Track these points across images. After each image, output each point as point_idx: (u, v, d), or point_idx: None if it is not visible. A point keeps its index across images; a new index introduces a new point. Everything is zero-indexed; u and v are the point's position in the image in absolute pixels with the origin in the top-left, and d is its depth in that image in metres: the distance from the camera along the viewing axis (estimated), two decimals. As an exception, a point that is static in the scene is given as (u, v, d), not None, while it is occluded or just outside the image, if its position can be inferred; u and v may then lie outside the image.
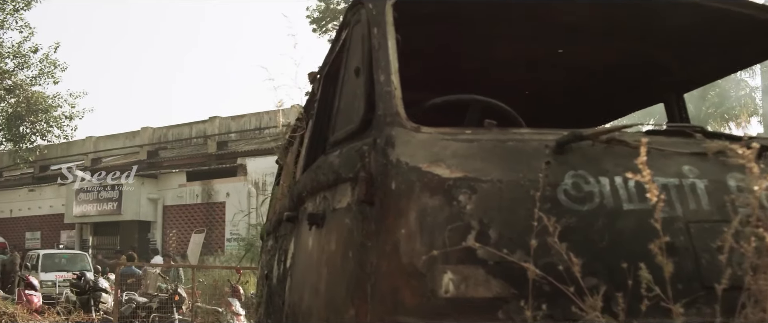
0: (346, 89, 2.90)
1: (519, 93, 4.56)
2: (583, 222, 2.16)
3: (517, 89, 4.52)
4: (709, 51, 3.67)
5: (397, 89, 2.43)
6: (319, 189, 2.87)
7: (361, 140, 2.48)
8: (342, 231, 2.51)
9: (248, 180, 25.39)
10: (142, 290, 15.89)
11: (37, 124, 30.06)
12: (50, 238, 30.85)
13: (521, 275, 2.06)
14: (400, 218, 2.19)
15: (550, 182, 2.19)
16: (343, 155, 2.60)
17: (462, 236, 2.11)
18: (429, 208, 2.16)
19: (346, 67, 2.92)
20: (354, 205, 2.42)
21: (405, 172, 2.23)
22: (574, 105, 4.71)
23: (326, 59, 3.62)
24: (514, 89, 4.47)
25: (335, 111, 2.97)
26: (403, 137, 2.30)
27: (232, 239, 25.33)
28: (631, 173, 2.16)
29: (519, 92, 4.55)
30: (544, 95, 4.62)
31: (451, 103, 2.85)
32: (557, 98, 4.66)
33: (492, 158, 2.25)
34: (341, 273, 2.46)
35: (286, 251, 3.71)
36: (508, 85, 4.40)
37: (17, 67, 29.91)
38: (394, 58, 2.51)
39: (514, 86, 4.47)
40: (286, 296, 3.49)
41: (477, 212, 2.15)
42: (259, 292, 5.33)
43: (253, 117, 30.22)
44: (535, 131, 2.39)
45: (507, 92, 4.52)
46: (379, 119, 2.40)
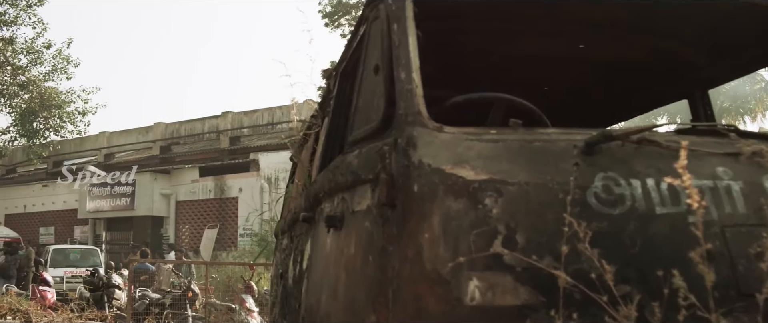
0: (364, 86, 2.82)
1: (537, 90, 4.47)
2: (615, 227, 2.07)
3: (535, 86, 4.43)
4: (736, 46, 3.57)
5: (418, 87, 2.35)
6: (336, 190, 2.79)
7: (381, 140, 2.39)
8: (362, 234, 2.43)
9: (261, 176, 25.37)
10: (155, 286, 15.88)
11: (50, 119, 30.15)
12: (64, 233, 30.94)
13: (550, 282, 1.97)
14: (423, 222, 2.10)
15: (579, 184, 2.10)
16: (362, 155, 2.52)
17: (488, 242, 2.03)
18: (453, 212, 2.08)
19: (365, 64, 2.84)
20: (374, 208, 2.33)
21: (428, 174, 2.14)
22: (594, 102, 4.62)
23: (343, 56, 3.54)
24: (532, 85, 4.38)
25: (353, 109, 2.89)
26: (426, 138, 2.21)
27: (245, 235, 25.31)
28: (666, 176, 2.07)
29: (537, 88, 4.46)
30: (563, 92, 4.53)
31: (473, 101, 2.76)
32: (576, 95, 4.57)
33: (518, 160, 2.16)
34: (361, 278, 2.38)
35: (302, 252, 3.63)
36: (526, 81, 4.31)
37: (30, 63, 30.01)
38: (415, 55, 2.43)
39: (532, 83, 4.38)
40: (302, 298, 3.42)
41: (503, 216, 2.06)
42: (274, 291, 5.26)
43: (265, 112, 30.19)
44: (562, 130, 2.30)
45: (524, 89, 4.44)
46: (399, 119, 2.31)
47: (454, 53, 3.83)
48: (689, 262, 1.96)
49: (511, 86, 4.33)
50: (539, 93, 4.46)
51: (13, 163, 36.39)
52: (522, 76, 4.23)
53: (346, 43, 3.50)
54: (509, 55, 3.95)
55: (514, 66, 4.12)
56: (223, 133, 30.47)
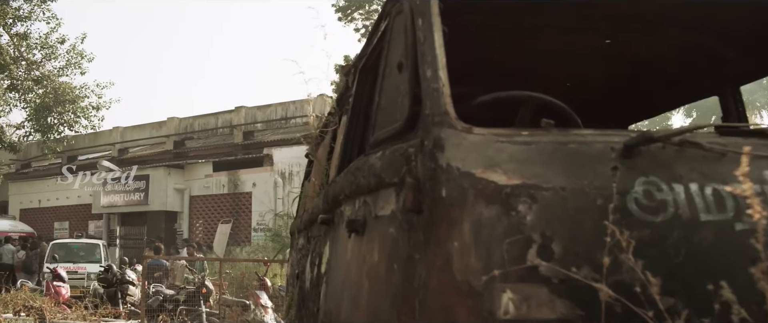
0: (387, 84, 2.69)
1: (560, 87, 4.34)
2: (657, 235, 1.94)
3: (559, 83, 4.31)
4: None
5: (445, 85, 2.23)
6: (358, 193, 2.67)
7: (406, 141, 2.28)
8: (386, 241, 2.31)
9: (274, 170, 25.30)
10: (169, 282, 15.83)
11: (64, 114, 30.17)
12: (78, 228, 30.97)
13: (589, 295, 1.84)
14: (452, 230, 1.98)
15: (618, 189, 1.97)
16: (385, 157, 2.40)
17: (522, 251, 1.91)
18: (485, 219, 1.96)
19: (387, 61, 2.72)
20: (399, 213, 2.22)
21: (457, 178, 2.02)
22: (619, 99, 4.49)
23: (362, 52, 3.42)
24: (555, 82, 4.25)
25: (375, 108, 2.77)
26: (454, 139, 2.09)
27: (259, 230, 25.26)
28: (710, 180, 1.95)
29: (560, 85, 4.33)
30: (588, 89, 4.40)
31: (501, 100, 2.63)
32: (601, 92, 4.44)
33: (553, 163, 2.04)
34: (385, 287, 2.26)
35: (320, 254, 3.52)
36: (550, 78, 4.18)
37: (45, 58, 30.05)
38: (441, 52, 2.31)
39: (556, 80, 4.26)
40: (320, 302, 3.31)
41: (538, 223, 1.93)
42: (290, 292, 5.16)
43: (278, 107, 30.10)
44: (598, 131, 2.17)
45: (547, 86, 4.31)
46: (426, 119, 2.19)
47: (476, 49, 3.71)
48: (738, 273, 1.83)
49: (533, 82, 4.21)
50: (562, 90, 4.34)
51: (28, 158, 36.46)
52: (545, 73, 4.11)
53: (367, 38, 3.38)
54: (533, 52, 3.83)
55: (537, 63, 4.00)
56: (236, 128, 30.40)
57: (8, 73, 28.54)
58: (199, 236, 26.63)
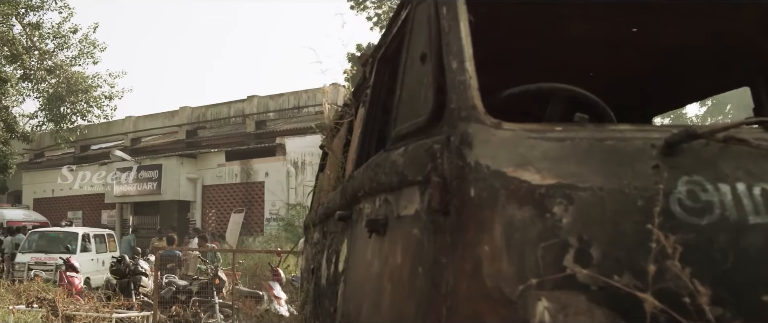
0: (409, 76, 2.56)
1: (583, 77, 4.20)
2: (703, 239, 1.80)
3: (582, 73, 4.17)
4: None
5: (472, 78, 2.09)
6: (379, 190, 2.54)
7: (431, 136, 2.14)
8: (409, 243, 2.18)
9: (287, 160, 25.21)
10: (181, 272, 15.78)
11: (77, 104, 30.26)
12: (92, 218, 31.01)
13: (631, 303, 1.71)
14: (482, 233, 1.85)
15: (660, 190, 1.84)
16: (408, 153, 2.27)
17: (558, 256, 1.78)
18: (517, 221, 1.83)
19: (409, 51, 2.58)
20: (424, 213, 2.09)
21: (486, 177, 1.89)
22: (644, 89, 4.34)
23: (381, 42, 3.29)
24: (578, 72, 4.11)
25: (397, 101, 2.63)
26: (482, 135, 1.96)
27: (272, 220, 25.21)
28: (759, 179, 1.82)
29: (583, 75, 4.19)
30: (612, 79, 4.25)
31: (530, 93, 2.49)
32: (627, 82, 4.29)
33: (589, 161, 1.90)
34: (409, 291, 2.14)
35: (337, 251, 3.40)
36: (573, 68, 4.04)
37: (57, 47, 30.14)
38: (467, 42, 2.17)
39: (579, 69, 4.12)
40: (338, 303, 3.19)
41: (575, 226, 1.80)
42: (305, 288, 5.04)
43: (291, 96, 30.00)
44: (637, 127, 2.03)
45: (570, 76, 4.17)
46: (452, 113, 2.06)
47: (497, 39, 3.57)
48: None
49: (556, 72, 4.07)
50: (586, 80, 4.21)
51: (41, 147, 36.55)
52: (569, 63, 3.97)
53: (385, 28, 3.25)
54: (557, 41, 3.69)
55: (561, 52, 3.86)
56: (248, 117, 30.33)
57: (21, 63, 28.59)
58: (212, 225, 26.58)
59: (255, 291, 13.21)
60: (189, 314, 12.30)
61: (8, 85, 26.73)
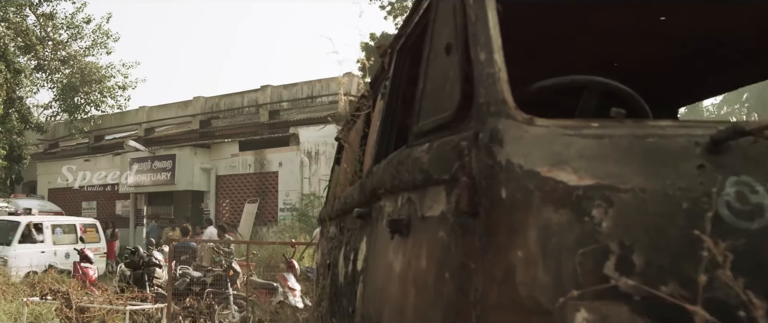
0: (432, 68, 2.43)
1: (606, 67, 4.07)
2: (754, 245, 1.66)
3: (604, 63, 4.03)
4: None
5: (502, 70, 1.96)
6: (401, 189, 2.42)
7: (457, 133, 2.02)
8: (435, 246, 2.06)
9: (301, 150, 25.11)
10: (196, 263, 15.73)
11: (91, 94, 30.34)
12: (106, 208, 31.07)
13: (677, 315, 1.59)
14: (514, 237, 1.73)
15: (706, 191, 1.71)
16: (433, 150, 2.14)
17: (598, 263, 1.65)
18: (553, 225, 1.70)
19: (432, 42, 2.45)
20: (450, 215, 1.96)
21: (519, 177, 1.76)
22: (669, 80, 4.20)
23: (401, 31, 3.16)
24: (601, 62, 3.98)
25: (419, 94, 2.50)
26: (514, 132, 1.83)
27: (285, 210, 25.14)
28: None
29: (606, 65, 4.06)
30: (636, 69, 4.11)
31: (562, 85, 2.36)
32: (652, 72, 4.15)
33: (630, 160, 1.76)
34: (435, 298, 2.02)
35: (355, 249, 3.28)
36: (596, 57, 3.91)
37: (71, 38, 30.20)
38: (496, 32, 2.04)
39: (602, 60, 3.99)
40: (357, 303, 3.07)
41: (616, 231, 1.67)
42: (321, 284, 4.93)
43: (305, 86, 29.88)
44: (679, 123, 1.90)
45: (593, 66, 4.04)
46: (480, 108, 1.93)
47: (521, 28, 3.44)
48: None
49: (579, 63, 3.94)
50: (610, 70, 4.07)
51: (56, 138, 36.63)
52: (592, 52, 3.84)
53: (406, 17, 3.12)
54: (581, 30, 3.56)
55: (584, 41, 3.73)
56: (262, 107, 30.23)
57: (34, 54, 28.64)
58: (226, 216, 26.55)
59: (269, 282, 13.13)
60: (203, 306, 12.24)
61: (22, 75, 26.76)
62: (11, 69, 25.57)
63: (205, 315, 12.31)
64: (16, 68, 26.19)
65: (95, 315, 9.65)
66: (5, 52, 25.87)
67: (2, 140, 24.43)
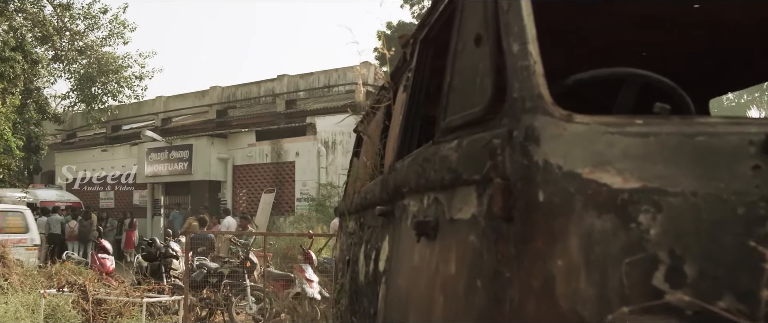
0: (460, 60, 2.29)
1: (634, 56, 3.92)
2: None
3: (633, 52, 3.88)
4: None
5: (537, 62, 1.83)
6: (427, 188, 2.28)
7: (489, 129, 1.88)
8: (465, 251, 1.93)
9: (318, 139, 25.00)
10: (213, 254, 15.68)
11: (108, 84, 30.40)
12: (123, 197, 31.12)
13: None
14: (554, 244, 1.60)
15: (763, 195, 1.56)
16: (463, 148, 2.01)
17: (646, 274, 1.51)
18: (597, 232, 1.56)
19: (460, 32, 2.31)
20: (482, 218, 1.83)
21: (558, 179, 1.63)
22: (701, 70, 4.04)
23: (424, 21, 3.02)
24: (631, 51, 3.83)
25: (447, 88, 2.36)
26: (551, 130, 1.69)
27: (302, 199, 25.05)
28: None
29: (634, 54, 3.91)
30: (667, 58, 3.96)
31: (600, 78, 2.22)
32: (683, 62, 3.99)
33: (679, 161, 1.62)
34: (465, 306, 1.89)
35: (377, 249, 3.15)
36: (626, 46, 3.76)
37: (87, 28, 30.28)
38: (530, 21, 1.91)
39: (632, 48, 3.84)
40: (379, 305, 2.95)
41: (665, 239, 1.53)
42: (340, 281, 4.82)
43: (321, 75, 29.75)
44: (730, 120, 1.75)
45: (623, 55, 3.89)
46: (514, 103, 1.80)
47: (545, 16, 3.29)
48: None
49: (607, 52, 3.79)
50: (639, 60, 3.93)
51: (73, 128, 36.73)
52: (621, 41, 3.69)
53: (430, 5, 2.97)
54: (609, 19, 3.41)
55: (612, 30, 3.58)
56: (279, 96, 30.12)
57: (52, 44, 28.71)
58: (243, 205, 26.51)
59: (287, 273, 13.05)
60: (220, 297, 12.18)
61: (39, 66, 26.82)
62: (28, 60, 25.61)
63: (222, 307, 12.25)
64: (33, 59, 26.23)
65: (112, 307, 9.59)
66: (23, 43, 25.92)
67: (20, 130, 24.46)
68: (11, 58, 24.18)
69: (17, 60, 24.42)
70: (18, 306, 10.50)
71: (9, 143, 15.78)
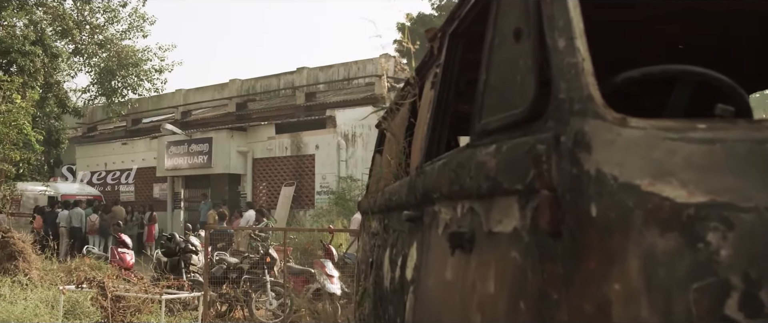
0: (498, 57, 2.11)
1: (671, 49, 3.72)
2: None
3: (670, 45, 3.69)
4: None
5: (586, 59, 1.65)
6: (461, 196, 2.11)
7: (532, 134, 1.71)
8: (506, 268, 1.75)
9: (337, 132, 24.84)
10: (233, 248, 15.57)
11: (128, 78, 30.40)
12: (143, 191, 31.14)
13: None
14: (609, 266, 1.42)
15: None
16: (502, 154, 1.83)
17: (717, 301, 1.34)
18: (659, 252, 1.39)
19: (497, 26, 2.13)
20: (526, 233, 1.66)
21: (613, 191, 1.45)
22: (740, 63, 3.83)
23: (454, 13, 2.84)
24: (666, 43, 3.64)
25: (482, 87, 2.17)
26: (604, 135, 1.52)
27: (322, 193, 24.93)
28: None
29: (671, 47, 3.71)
30: (705, 51, 3.76)
31: (652, 76, 2.03)
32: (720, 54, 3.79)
33: (749, 171, 1.43)
34: (507, 329, 1.72)
35: (404, 255, 2.98)
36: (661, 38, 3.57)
37: (107, 21, 30.24)
38: (576, 13, 1.73)
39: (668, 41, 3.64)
40: (406, 317, 2.78)
41: (738, 261, 1.35)
42: (362, 283, 4.65)
43: (341, 67, 29.58)
44: (803, 123, 1.57)
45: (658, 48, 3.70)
46: (561, 105, 1.62)
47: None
48: None
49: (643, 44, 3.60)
50: (674, 53, 3.73)
51: (94, 121, 36.81)
52: (656, 33, 3.50)
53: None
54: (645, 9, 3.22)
55: (649, 21, 3.39)
56: (298, 89, 29.99)
57: (71, 38, 28.74)
58: (263, 198, 26.43)
59: (307, 269, 12.92)
60: (239, 293, 12.07)
61: (59, 60, 26.83)
62: (48, 54, 25.62)
63: (242, 303, 12.13)
64: (53, 53, 26.24)
65: (131, 304, 9.49)
66: (43, 37, 25.93)
67: (40, 124, 24.48)
68: (31, 52, 24.20)
69: (37, 54, 24.43)
70: (37, 302, 10.44)
71: (29, 138, 15.72)
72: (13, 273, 12.15)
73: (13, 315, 9.88)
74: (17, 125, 14.64)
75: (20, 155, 14.92)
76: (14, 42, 24.42)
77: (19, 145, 15.20)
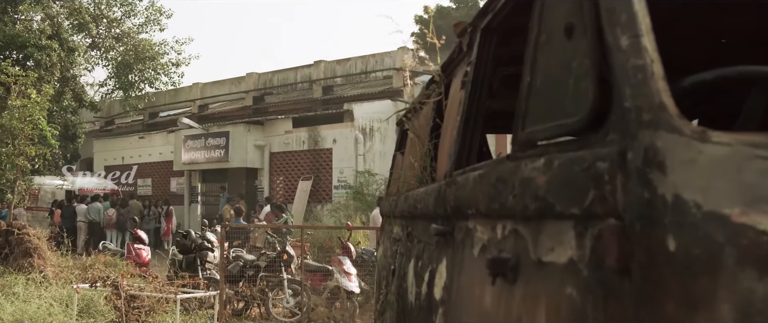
0: (544, 56, 1.84)
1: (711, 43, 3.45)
2: None
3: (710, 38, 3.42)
4: None
5: (655, 61, 1.39)
6: (502, 215, 1.85)
7: (589, 147, 1.45)
8: (560, 305, 1.50)
9: (355, 126, 24.60)
10: (250, 244, 15.38)
11: (145, 72, 30.36)
12: (161, 185, 31.07)
13: None
14: (694, 311, 1.17)
15: None
16: (553, 170, 1.57)
17: None
18: (758, 298, 1.13)
19: (543, 20, 1.87)
20: (585, 267, 1.41)
21: (697, 222, 1.19)
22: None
23: (488, 6, 2.58)
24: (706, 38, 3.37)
25: (525, 90, 1.91)
26: (682, 152, 1.26)
27: (340, 187, 24.72)
28: None
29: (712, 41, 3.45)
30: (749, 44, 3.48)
31: (727, 78, 1.76)
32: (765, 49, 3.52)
33: None
34: (561, 377, 1.47)
35: (432, 271, 2.74)
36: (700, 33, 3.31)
37: (124, 15, 30.21)
38: (642, 7, 1.47)
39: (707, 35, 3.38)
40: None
41: None
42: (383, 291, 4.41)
43: (358, 60, 29.35)
44: None
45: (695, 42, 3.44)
46: (626, 115, 1.37)
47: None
48: None
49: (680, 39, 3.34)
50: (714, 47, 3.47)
51: (111, 115, 36.80)
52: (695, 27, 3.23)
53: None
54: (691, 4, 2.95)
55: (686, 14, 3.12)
56: (315, 82, 29.78)
57: (88, 32, 28.69)
58: (280, 193, 26.26)
59: (324, 266, 12.70)
60: (256, 291, 11.87)
61: (75, 54, 26.74)
62: (65, 48, 25.54)
63: (259, 300, 11.94)
64: (70, 47, 26.17)
65: (145, 303, 9.30)
66: (59, 31, 25.86)
67: (56, 119, 24.40)
68: (48, 46, 24.12)
69: (54, 48, 24.35)
70: (51, 301, 10.29)
71: (44, 133, 15.61)
72: (27, 270, 12.01)
73: (27, 313, 9.74)
74: (32, 120, 14.52)
75: (36, 150, 14.80)
76: (31, 36, 24.35)
77: (34, 140, 15.07)
